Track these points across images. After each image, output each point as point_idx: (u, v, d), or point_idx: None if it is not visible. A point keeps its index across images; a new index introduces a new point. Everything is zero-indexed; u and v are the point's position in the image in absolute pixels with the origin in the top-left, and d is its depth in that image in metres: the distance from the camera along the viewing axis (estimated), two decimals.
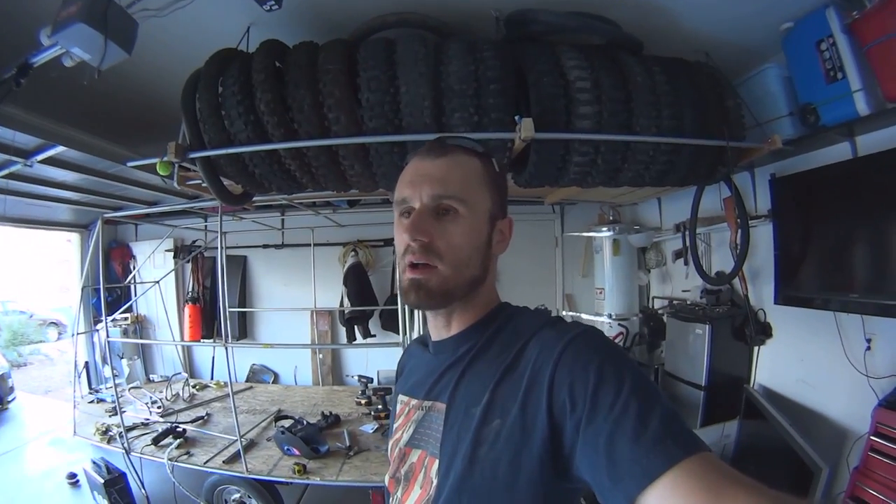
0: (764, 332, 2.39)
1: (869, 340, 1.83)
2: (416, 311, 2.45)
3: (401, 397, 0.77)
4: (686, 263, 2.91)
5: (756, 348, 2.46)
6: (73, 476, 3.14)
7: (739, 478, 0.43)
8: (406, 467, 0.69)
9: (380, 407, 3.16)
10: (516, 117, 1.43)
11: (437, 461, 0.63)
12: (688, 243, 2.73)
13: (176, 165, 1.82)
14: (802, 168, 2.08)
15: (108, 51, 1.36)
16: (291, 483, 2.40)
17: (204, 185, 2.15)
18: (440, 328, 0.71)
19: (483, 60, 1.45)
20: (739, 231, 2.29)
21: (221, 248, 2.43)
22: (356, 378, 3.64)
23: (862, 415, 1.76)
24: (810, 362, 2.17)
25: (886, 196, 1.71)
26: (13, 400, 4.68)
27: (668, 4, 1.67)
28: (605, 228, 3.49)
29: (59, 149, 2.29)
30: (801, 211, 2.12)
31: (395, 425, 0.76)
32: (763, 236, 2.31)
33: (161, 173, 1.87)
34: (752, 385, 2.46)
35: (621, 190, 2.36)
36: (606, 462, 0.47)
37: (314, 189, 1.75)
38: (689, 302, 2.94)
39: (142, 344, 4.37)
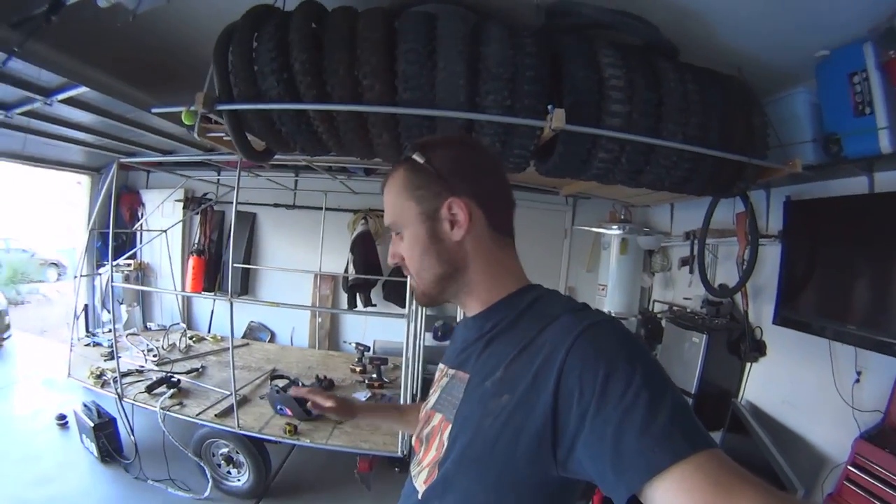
0: (758, 349, 2.44)
1: (859, 373, 1.88)
2: None
3: (439, 365, 0.82)
4: (691, 272, 2.95)
5: (749, 364, 2.51)
6: (62, 417, 3.16)
7: (748, 477, 0.44)
8: (428, 429, 0.73)
9: (374, 376, 3.18)
10: (549, 106, 1.43)
11: (450, 426, 0.66)
12: (695, 252, 2.76)
13: (199, 116, 1.82)
14: (818, 194, 2.12)
15: None
16: (280, 442, 2.45)
17: (226, 138, 2.15)
18: (470, 309, 0.76)
19: (522, 46, 1.44)
20: (748, 247, 2.32)
21: (236, 203, 2.43)
22: (353, 345, 3.67)
23: (842, 444, 1.81)
24: (799, 386, 2.22)
25: None
26: (9, 337, 4.71)
27: (707, 15, 1.66)
28: (615, 226, 3.52)
29: (82, 89, 2.28)
30: (810, 236, 2.15)
31: (431, 390, 0.81)
32: (770, 256, 2.35)
33: (186, 122, 1.88)
34: (739, 399, 2.51)
35: (637, 191, 2.38)
36: (612, 453, 0.48)
37: (338, 153, 1.75)
38: (689, 310, 2.98)
39: (142, 291, 4.40)
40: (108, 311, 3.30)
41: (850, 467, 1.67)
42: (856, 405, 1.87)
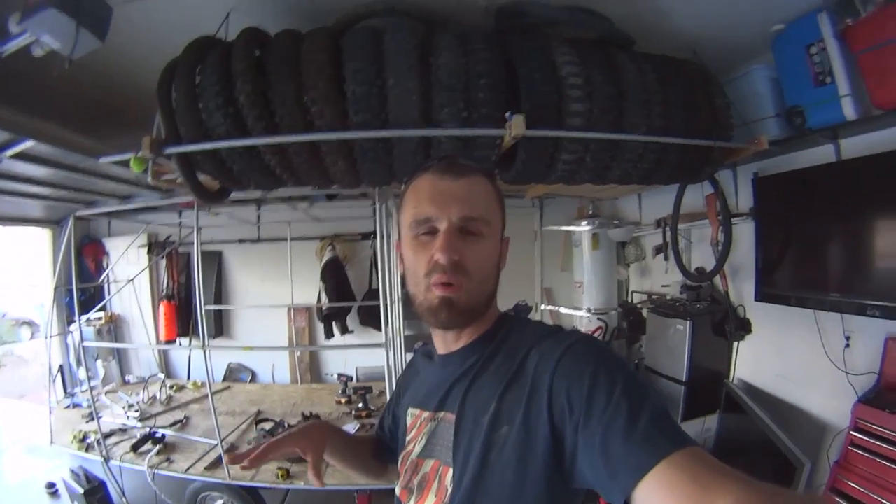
0: (744, 327, 2.43)
1: (848, 338, 1.88)
2: (393, 308, 2.40)
3: (411, 410, 0.79)
4: (666, 259, 2.94)
5: (736, 344, 2.50)
6: (52, 486, 3.01)
7: (727, 470, 0.44)
8: (419, 477, 0.70)
9: (360, 406, 3.10)
10: (507, 114, 1.39)
11: (451, 470, 0.65)
12: (668, 239, 2.75)
13: (150, 161, 1.73)
14: (785, 168, 2.11)
15: (80, 38, 1.28)
16: (275, 488, 2.35)
17: (179, 180, 2.07)
18: (450, 342, 0.73)
19: (474, 53, 1.40)
20: (721, 228, 2.32)
21: (197, 245, 2.33)
22: (335, 376, 3.58)
23: (841, 410, 1.81)
24: (790, 358, 2.21)
25: (867, 199, 1.75)
26: None
27: (658, 0, 1.65)
28: (584, 222, 3.49)
29: (29, 143, 2.16)
30: (782, 210, 2.15)
31: (408, 438, 0.77)
32: (744, 234, 2.34)
33: (135, 169, 1.79)
34: (731, 380, 2.50)
35: (603, 186, 2.36)
36: (603, 460, 0.50)
37: (295, 185, 1.68)
38: (668, 297, 2.96)
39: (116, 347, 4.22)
40: (87, 369, 3.14)
41: (852, 432, 1.67)
42: (849, 370, 1.87)
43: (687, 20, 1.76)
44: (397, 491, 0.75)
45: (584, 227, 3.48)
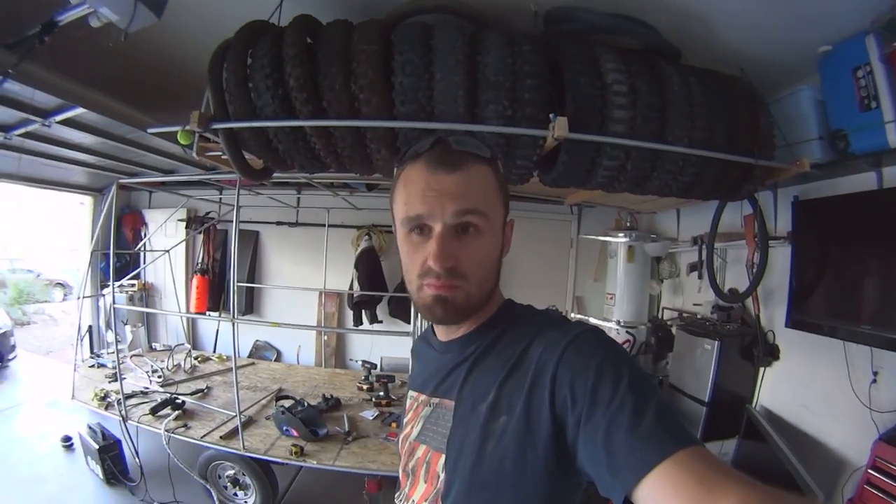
0: (771, 353, 2.38)
1: (876, 373, 1.84)
2: None
3: (410, 392, 0.78)
4: (700, 277, 2.90)
5: (762, 369, 2.45)
6: (67, 439, 3.16)
7: (730, 471, 0.44)
8: (413, 461, 0.70)
9: (381, 394, 3.12)
10: (551, 115, 1.40)
11: (442, 456, 0.64)
12: (704, 257, 2.71)
13: (197, 135, 1.80)
14: (826, 193, 2.07)
15: (138, 13, 1.33)
16: (287, 464, 2.40)
17: (224, 157, 2.14)
18: (451, 332, 0.71)
19: (521, 54, 1.42)
20: (758, 250, 2.27)
21: (236, 223, 2.40)
22: (359, 363, 3.63)
23: (861, 447, 1.77)
24: (815, 389, 2.16)
25: None
26: (14, 358, 4.72)
27: (707, 15, 1.64)
28: (621, 234, 3.47)
29: (79, 110, 2.27)
30: (820, 236, 2.10)
31: (405, 420, 0.77)
32: (780, 257, 2.29)
33: (182, 142, 1.86)
34: (754, 405, 2.45)
35: (643, 197, 2.34)
36: (605, 455, 0.48)
37: (337, 170, 1.73)
38: (699, 316, 2.92)
39: (147, 312, 4.37)
40: (115, 332, 3.27)
41: (869, 471, 1.64)
42: (873, 406, 1.82)
43: (734, 36, 1.74)
44: (399, 473, 0.75)
45: (620, 239, 3.46)
